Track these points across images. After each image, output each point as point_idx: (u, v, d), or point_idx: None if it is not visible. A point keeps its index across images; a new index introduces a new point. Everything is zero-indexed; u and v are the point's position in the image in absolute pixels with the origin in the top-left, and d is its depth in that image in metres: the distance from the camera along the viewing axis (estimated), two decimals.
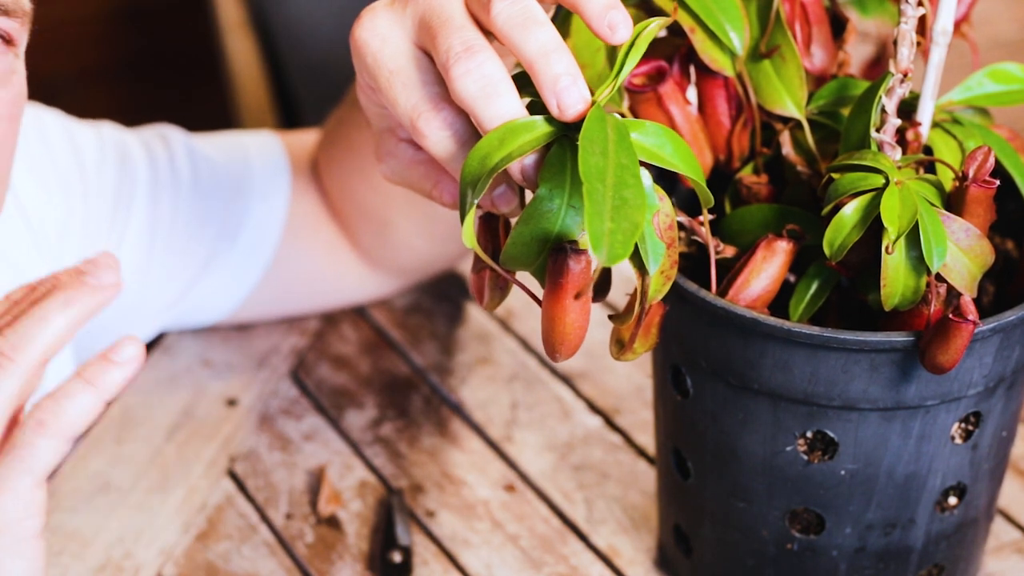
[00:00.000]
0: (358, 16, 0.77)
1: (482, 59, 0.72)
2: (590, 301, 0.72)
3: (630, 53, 0.73)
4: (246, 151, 1.14)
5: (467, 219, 0.72)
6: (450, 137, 0.74)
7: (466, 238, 0.72)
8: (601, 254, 0.65)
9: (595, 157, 0.68)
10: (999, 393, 0.84)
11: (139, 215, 1.09)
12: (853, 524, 0.86)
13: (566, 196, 0.71)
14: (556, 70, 0.71)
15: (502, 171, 0.72)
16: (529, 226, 0.72)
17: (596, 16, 0.73)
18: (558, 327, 0.72)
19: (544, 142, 0.72)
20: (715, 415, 0.85)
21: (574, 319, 0.72)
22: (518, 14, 0.73)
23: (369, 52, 0.76)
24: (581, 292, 0.71)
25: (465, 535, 1.01)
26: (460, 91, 0.72)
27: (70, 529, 1.01)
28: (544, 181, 0.71)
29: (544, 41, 0.72)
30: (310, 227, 1.15)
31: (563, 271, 0.71)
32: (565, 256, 0.71)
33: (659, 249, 0.73)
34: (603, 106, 0.71)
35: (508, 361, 1.15)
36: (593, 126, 0.69)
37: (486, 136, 0.72)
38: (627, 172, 0.68)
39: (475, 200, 0.71)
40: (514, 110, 0.72)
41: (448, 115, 0.74)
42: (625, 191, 0.67)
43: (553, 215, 0.71)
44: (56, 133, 1.08)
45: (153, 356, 1.16)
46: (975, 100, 0.87)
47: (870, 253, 0.80)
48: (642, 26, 0.74)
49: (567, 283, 0.71)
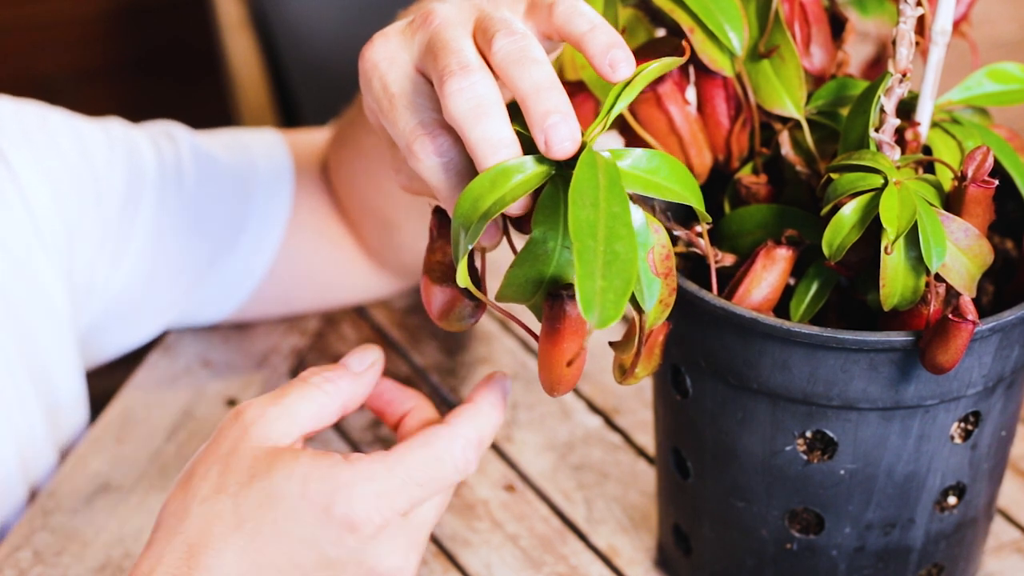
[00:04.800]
0: (370, 39, 0.77)
1: (476, 79, 0.72)
2: (586, 344, 0.72)
3: (624, 91, 0.73)
4: (250, 149, 1.15)
5: (462, 262, 0.72)
6: (442, 165, 0.74)
7: (461, 279, 0.72)
8: (593, 317, 0.65)
9: (585, 210, 0.67)
10: (998, 393, 0.84)
11: (146, 212, 1.09)
12: (852, 524, 0.86)
13: (560, 238, 0.71)
14: (546, 106, 0.71)
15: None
16: (524, 268, 0.71)
17: (598, 54, 0.73)
18: (556, 369, 0.72)
19: (536, 184, 0.71)
20: (714, 415, 0.85)
21: (571, 361, 0.72)
22: (516, 51, 0.73)
23: (376, 74, 0.76)
24: (578, 336, 0.71)
25: (465, 535, 1.01)
26: (451, 108, 0.72)
27: (70, 529, 1.02)
28: (537, 224, 0.71)
29: (538, 78, 0.72)
30: (316, 225, 1.15)
31: (560, 317, 0.71)
32: (562, 303, 0.70)
33: (655, 286, 0.72)
34: (593, 147, 0.71)
35: (508, 361, 1.15)
36: (583, 174, 0.68)
37: (477, 178, 0.71)
38: (618, 222, 0.67)
39: (470, 245, 0.71)
40: (502, 133, 0.72)
41: (444, 142, 0.74)
42: (616, 244, 0.66)
43: (548, 257, 0.71)
44: (64, 132, 1.08)
45: (153, 356, 1.16)
46: (974, 100, 0.87)
47: (869, 253, 0.80)
48: (643, 67, 0.74)
49: (565, 329, 0.71)
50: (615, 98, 0.73)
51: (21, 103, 1.08)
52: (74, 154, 1.07)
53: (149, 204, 1.10)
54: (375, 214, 1.12)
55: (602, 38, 0.73)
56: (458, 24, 0.75)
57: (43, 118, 1.08)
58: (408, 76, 0.76)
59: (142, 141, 1.11)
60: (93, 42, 2.43)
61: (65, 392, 1.07)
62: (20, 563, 0.99)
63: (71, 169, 1.07)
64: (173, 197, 1.10)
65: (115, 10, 2.42)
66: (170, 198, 1.10)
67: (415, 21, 0.76)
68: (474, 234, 0.70)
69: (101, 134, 1.10)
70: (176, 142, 1.13)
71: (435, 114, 0.75)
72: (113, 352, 1.14)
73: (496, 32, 0.73)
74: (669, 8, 0.84)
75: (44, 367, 1.05)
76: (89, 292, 1.08)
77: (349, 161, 1.12)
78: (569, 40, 0.74)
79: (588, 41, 0.73)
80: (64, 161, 1.07)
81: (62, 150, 1.07)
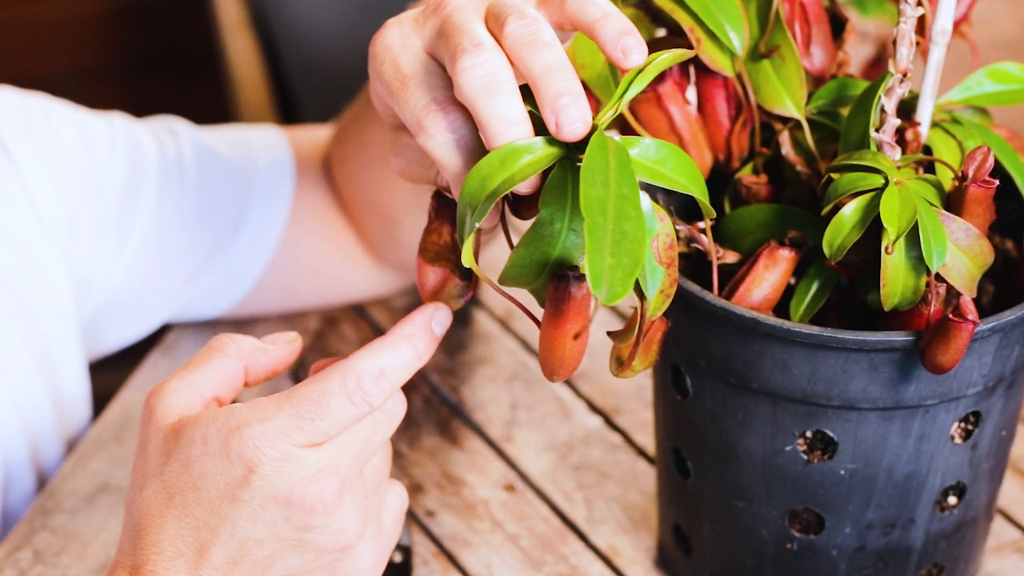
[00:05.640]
0: (382, 26, 0.78)
1: (489, 56, 0.73)
2: (590, 326, 0.72)
3: (637, 78, 0.73)
4: (251, 144, 1.15)
5: (467, 242, 0.72)
6: (453, 141, 0.74)
7: (466, 259, 0.72)
8: (601, 292, 0.65)
9: (596, 188, 0.67)
10: (998, 393, 0.84)
11: (147, 205, 1.10)
12: (853, 524, 0.86)
13: (566, 220, 0.71)
14: (558, 88, 0.71)
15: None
16: (529, 249, 0.71)
17: (610, 40, 0.73)
18: (558, 352, 0.72)
19: (546, 165, 0.71)
20: (715, 415, 0.85)
21: (574, 344, 0.72)
22: (528, 33, 0.73)
23: (389, 57, 0.77)
24: (582, 318, 0.71)
25: (465, 535, 1.01)
26: (463, 85, 0.72)
27: (70, 529, 1.02)
28: (545, 204, 0.71)
29: (550, 60, 0.72)
30: (316, 220, 1.15)
31: (565, 298, 0.71)
32: (567, 283, 0.70)
33: (658, 273, 0.73)
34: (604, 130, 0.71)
35: (508, 361, 1.15)
36: (595, 154, 0.69)
37: (486, 157, 0.71)
38: (628, 203, 0.68)
39: (476, 224, 0.71)
40: (514, 110, 0.72)
41: (455, 118, 0.75)
42: (626, 224, 0.67)
43: (554, 238, 0.71)
44: (66, 125, 1.08)
45: (153, 356, 1.16)
46: (974, 100, 0.87)
47: (870, 253, 0.80)
48: (655, 56, 0.74)
49: (569, 310, 0.71)
50: (627, 84, 0.73)
51: (24, 95, 1.09)
52: (76, 146, 1.08)
53: (150, 197, 1.10)
54: (376, 209, 1.13)
55: (614, 25, 0.73)
56: (471, 9, 0.75)
57: (46, 110, 1.08)
58: (420, 58, 0.76)
59: (144, 135, 1.12)
60: (93, 42, 2.43)
61: (70, 383, 1.08)
62: (20, 563, 0.99)
63: (73, 161, 1.07)
64: (174, 190, 1.11)
65: (115, 10, 2.42)
66: (171, 191, 1.11)
67: (427, 9, 0.77)
68: (481, 213, 0.71)
69: (103, 127, 1.10)
70: (178, 136, 1.13)
71: (447, 92, 0.75)
72: (114, 345, 1.14)
73: (508, 16, 0.74)
74: (669, 8, 0.84)
75: (50, 357, 1.06)
76: (90, 284, 1.09)
77: (351, 156, 1.12)
78: (581, 28, 0.74)
79: (600, 28, 0.73)
80: (66, 153, 1.07)
81: (64, 142, 1.07)
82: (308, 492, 0.76)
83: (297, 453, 0.76)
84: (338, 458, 0.76)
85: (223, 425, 0.76)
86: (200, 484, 0.76)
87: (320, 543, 0.77)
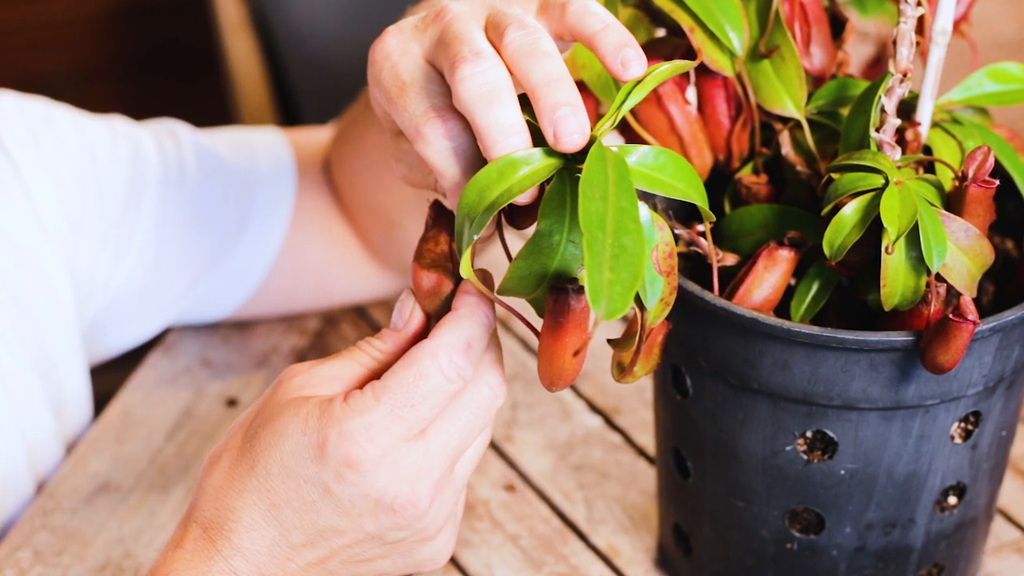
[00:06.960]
0: (381, 33, 0.78)
1: (488, 65, 0.73)
2: (589, 339, 0.72)
3: (636, 89, 0.73)
4: (252, 147, 1.15)
5: (465, 254, 0.72)
6: (451, 149, 0.74)
7: (464, 271, 0.72)
8: (600, 308, 0.65)
9: (595, 203, 0.67)
10: (999, 393, 0.84)
11: (149, 209, 1.10)
12: (853, 524, 0.86)
13: (565, 231, 0.71)
14: (556, 98, 0.71)
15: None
16: (528, 261, 0.71)
17: (610, 52, 0.73)
18: (557, 364, 0.72)
19: (544, 177, 0.71)
20: (715, 415, 0.85)
21: (573, 358, 0.72)
22: (528, 43, 0.73)
23: (388, 64, 0.77)
24: (581, 331, 0.71)
25: (465, 535, 1.01)
26: (462, 93, 0.72)
27: (70, 529, 1.02)
28: (544, 216, 0.71)
29: (549, 70, 0.72)
30: (318, 223, 1.15)
31: (564, 311, 0.71)
32: (566, 296, 0.70)
33: (657, 283, 0.72)
34: (602, 141, 0.71)
35: (508, 361, 1.15)
36: (593, 167, 0.68)
37: (484, 168, 0.71)
38: (627, 216, 0.67)
39: (474, 236, 0.71)
40: (513, 119, 0.72)
41: (454, 127, 0.74)
42: (625, 238, 0.67)
43: (552, 250, 0.71)
44: (68, 128, 1.08)
45: (153, 356, 1.16)
46: (974, 100, 0.87)
47: (870, 253, 0.80)
48: (654, 67, 0.74)
49: (568, 323, 0.71)
50: (626, 95, 0.73)
51: (26, 99, 1.09)
52: (77, 149, 1.08)
53: (152, 200, 1.10)
54: (377, 212, 1.13)
55: (614, 37, 0.73)
56: (471, 18, 0.75)
57: (47, 114, 1.08)
58: (419, 66, 0.76)
59: (145, 138, 1.12)
60: (93, 42, 2.43)
61: (71, 387, 1.08)
62: (20, 563, 0.99)
63: (74, 164, 1.07)
64: (176, 194, 1.11)
65: (115, 10, 2.42)
66: (173, 194, 1.11)
67: (427, 16, 0.77)
68: (479, 225, 0.70)
69: (105, 130, 1.10)
70: (179, 139, 1.13)
71: (446, 100, 0.75)
72: (116, 348, 1.14)
73: (508, 26, 0.74)
74: (669, 8, 0.84)
75: (50, 360, 1.06)
76: (92, 288, 1.09)
77: (352, 158, 1.12)
78: (581, 39, 0.74)
79: (600, 40, 0.73)
80: (67, 156, 1.07)
81: (65, 145, 1.07)
82: (400, 494, 0.76)
83: (396, 449, 0.76)
84: (433, 460, 0.77)
85: (325, 414, 0.76)
86: (289, 463, 0.76)
87: (401, 538, 0.78)
